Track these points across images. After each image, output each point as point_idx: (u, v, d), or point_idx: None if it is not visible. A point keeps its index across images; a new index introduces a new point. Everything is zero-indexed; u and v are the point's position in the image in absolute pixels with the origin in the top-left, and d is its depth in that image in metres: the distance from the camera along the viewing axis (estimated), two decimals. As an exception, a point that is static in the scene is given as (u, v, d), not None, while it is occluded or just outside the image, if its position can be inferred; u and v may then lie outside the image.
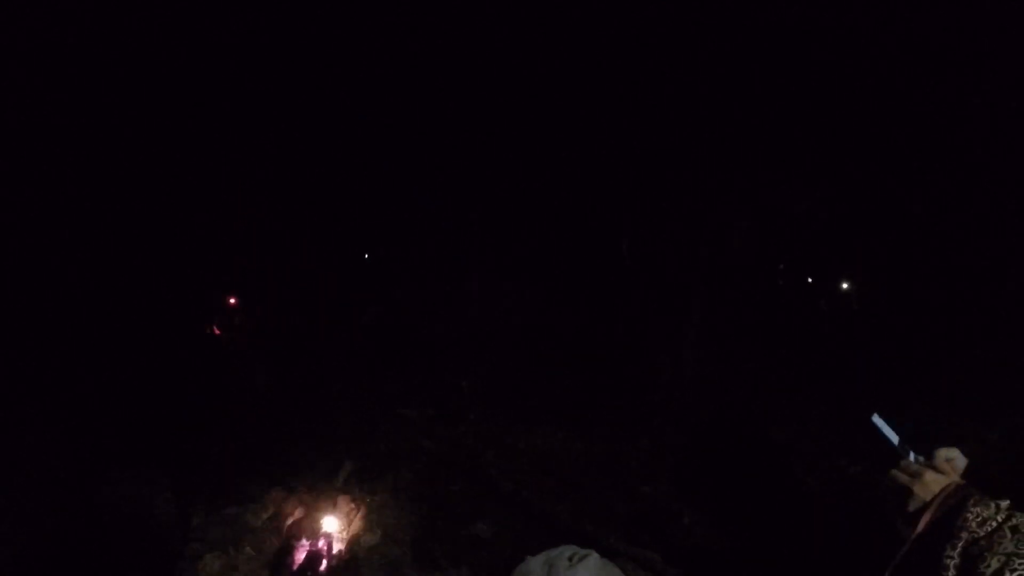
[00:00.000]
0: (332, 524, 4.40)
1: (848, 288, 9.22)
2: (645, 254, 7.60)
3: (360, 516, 4.60)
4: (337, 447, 5.66)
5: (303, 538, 4.35)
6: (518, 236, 8.87)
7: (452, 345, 8.01)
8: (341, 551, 4.30)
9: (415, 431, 6.21)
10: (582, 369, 7.14)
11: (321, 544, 4.27)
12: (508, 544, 4.46)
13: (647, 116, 7.59)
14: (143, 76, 8.47)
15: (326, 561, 4.19)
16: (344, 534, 4.42)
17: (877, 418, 2.05)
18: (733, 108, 7.16)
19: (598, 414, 6.31)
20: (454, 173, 9.17)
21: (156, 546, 4.26)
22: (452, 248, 9.41)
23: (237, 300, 9.01)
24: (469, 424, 6.30)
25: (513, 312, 8.34)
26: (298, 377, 7.35)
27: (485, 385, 6.98)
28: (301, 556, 4.22)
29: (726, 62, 7.07)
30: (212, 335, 8.56)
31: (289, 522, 4.55)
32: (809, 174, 7.37)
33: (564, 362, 7.37)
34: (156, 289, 8.59)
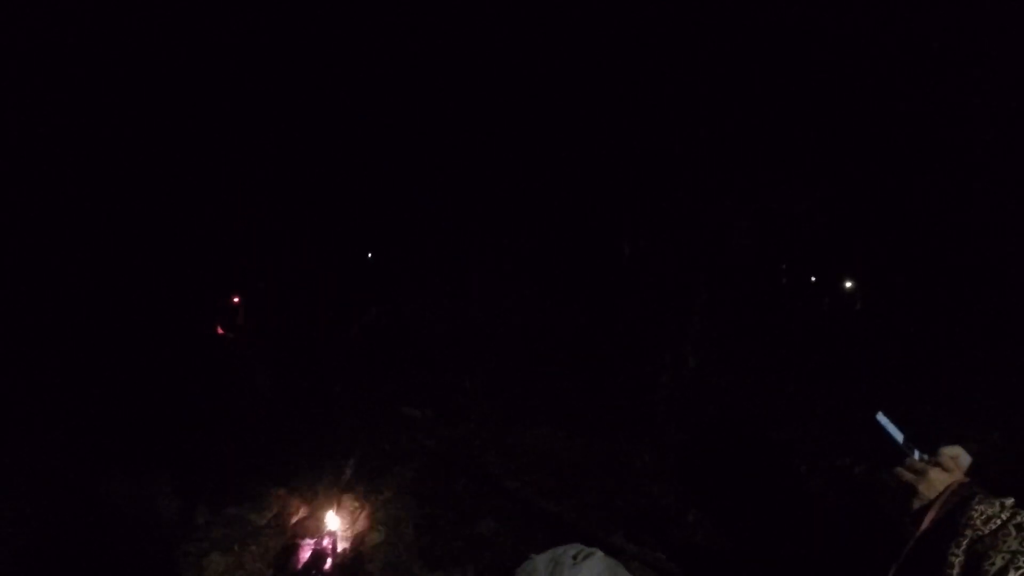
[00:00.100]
0: (336, 523, 4.41)
1: (850, 287, 9.23)
2: (646, 254, 7.61)
3: (364, 515, 4.62)
4: (340, 446, 5.66)
5: (307, 537, 4.37)
6: (519, 236, 8.87)
7: (454, 344, 8.01)
8: (345, 550, 4.31)
9: (418, 430, 6.22)
10: (584, 368, 7.14)
11: (325, 543, 4.29)
12: (512, 543, 4.46)
13: (648, 116, 7.60)
14: (151, 77, 8.49)
15: (330, 559, 4.20)
16: (348, 533, 4.44)
17: (882, 416, 2.06)
18: (733, 108, 7.17)
19: (600, 413, 6.31)
20: (455, 173, 9.18)
21: (160, 546, 4.27)
22: (453, 248, 9.42)
23: (240, 300, 9.02)
24: (471, 423, 6.30)
25: (514, 312, 8.34)
26: (300, 376, 7.35)
27: (487, 384, 6.99)
28: (306, 555, 4.23)
29: (726, 62, 7.08)
30: (215, 335, 8.57)
31: (293, 521, 4.57)
32: (810, 173, 7.38)
33: (566, 362, 7.37)
34: (159, 289, 8.59)
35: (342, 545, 4.33)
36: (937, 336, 6.56)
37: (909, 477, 1.90)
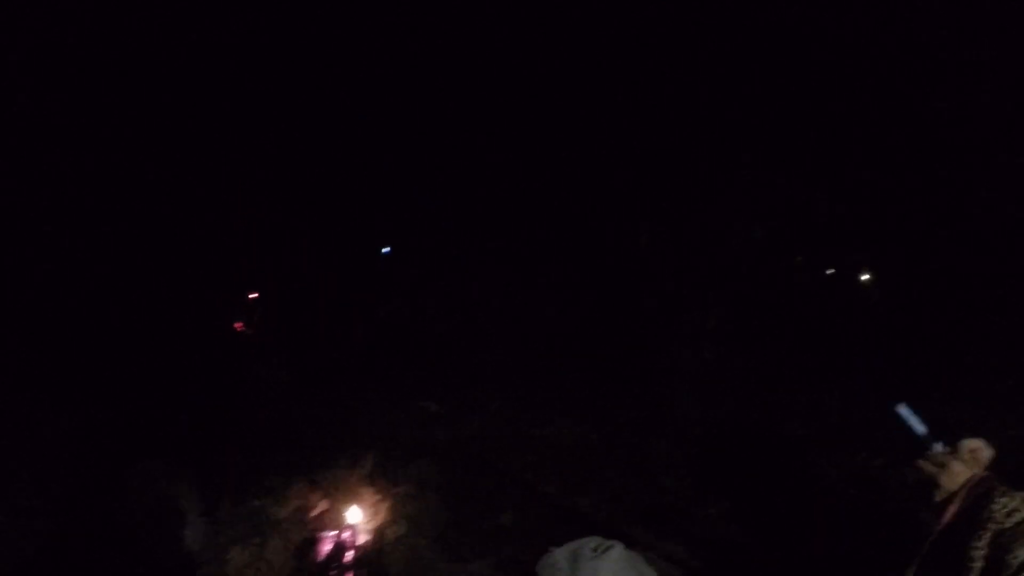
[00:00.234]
0: (357, 515, 4.43)
1: (868, 279, 9.17)
2: (663, 247, 7.60)
3: (384, 508, 4.64)
4: (360, 439, 5.69)
5: (328, 530, 4.39)
6: (538, 230, 8.87)
7: (471, 338, 8.02)
8: (366, 543, 4.33)
9: (436, 424, 6.26)
10: (601, 362, 7.14)
11: (346, 536, 4.31)
12: (531, 536, 4.46)
13: (665, 113, 7.59)
14: (171, 78, 8.55)
15: (351, 552, 4.22)
16: (369, 526, 4.46)
17: (903, 408, 2.04)
18: (749, 100, 7.15)
19: (618, 407, 6.31)
20: (473, 169, 9.19)
21: (182, 540, 4.30)
22: (471, 242, 9.43)
23: (257, 296, 9.05)
24: (490, 416, 6.32)
25: (531, 305, 8.34)
26: (319, 371, 7.38)
27: (505, 378, 6.99)
28: (327, 548, 4.25)
29: (742, 59, 7.06)
30: (234, 331, 8.61)
31: (314, 514, 4.59)
32: (827, 165, 7.34)
33: (583, 355, 7.37)
34: (179, 286, 8.65)
35: (363, 538, 4.34)
36: (956, 328, 6.53)
37: (931, 470, 1.89)
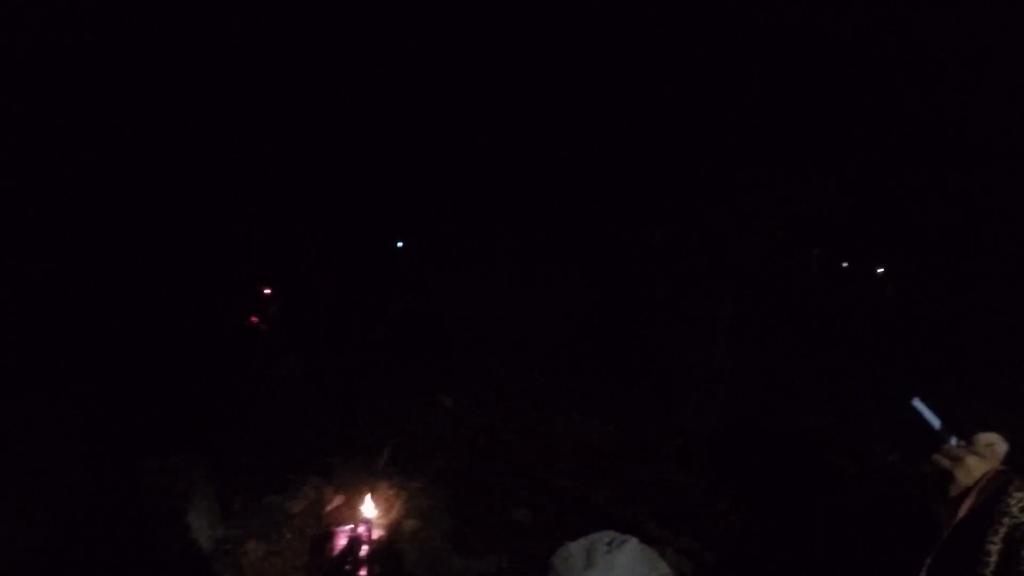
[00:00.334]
0: (371, 510, 4.45)
1: (882, 273, 9.12)
2: (678, 241, 7.58)
3: (399, 503, 4.66)
4: (374, 435, 5.72)
5: (343, 524, 4.41)
6: (551, 226, 8.87)
7: (486, 333, 8.02)
8: (381, 537, 4.35)
9: (450, 418, 6.27)
10: (615, 356, 7.13)
11: (361, 530, 4.32)
12: (546, 530, 4.48)
13: (678, 107, 7.57)
14: (191, 76, 8.60)
15: (366, 547, 4.23)
16: (383, 520, 4.48)
17: (918, 402, 2.03)
18: (762, 95, 7.13)
19: (632, 401, 6.31)
20: (484, 165, 9.19)
21: (197, 534, 4.32)
22: (485, 238, 9.43)
23: (272, 291, 9.07)
24: (504, 411, 6.32)
25: (546, 300, 8.34)
26: (334, 366, 7.40)
27: (520, 373, 7.00)
28: (341, 542, 4.27)
29: (753, 53, 7.04)
30: (249, 326, 8.63)
31: (329, 509, 4.61)
32: (840, 159, 7.31)
33: (597, 350, 7.37)
34: (193, 281, 8.69)
35: (377, 533, 4.35)
36: (970, 322, 6.49)
37: (946, 464, 1.88)
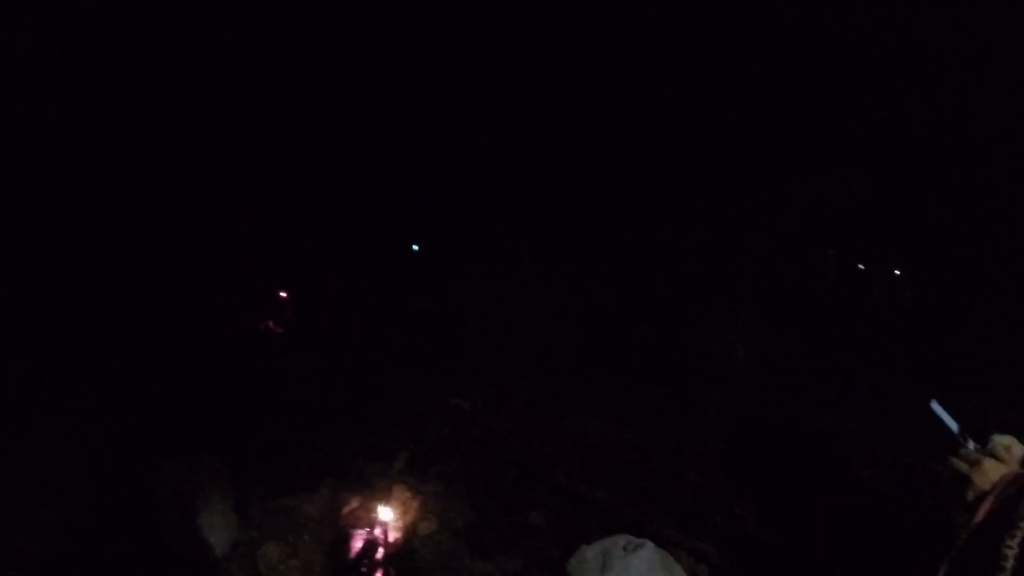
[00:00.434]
0: (388, 513, 4.47)
1: (900, 274, 9.08)
2: (693, 242, 7.57)
3: (415, 505, 4.67)
4: (391, 437, 5.73)
5: (360, 527, 4.43)
6: (564, 227, 8.86)
7: (501, 335, 8.02)
8: (397, 539, 4.37)
9: (466, 421, 6.27)
10: (632, 358, 7.12)
11: (377, 533, 4.34)
12: (562, 533, 4.48)
13: (694, 101, 7.55)
14: (213, 79, 8.66)
15: (382, 549, 4.26)
16: (400, 523, 4.49)
17: (936, 404, 2.02)
18: (776, 91, 7.10)
19: (648, 404, 6.30)
20: (500, 166, 9.20)
21: (213, 534, 4.35)
22: (498, 238, 9.43)
23: (287, 294, 9.10)
24: (519, 413, 6.31)
25: (561, 301, 8.33)
26: (350, 368, 7.41)
27: (535, 374, 6.99)
28: (358, 544, 4.29)
29: (770, 44, 7.01)
30: (265, 328, 8.66)
31: (346, 511, 4.63)
32: (858, 158, 7.28)
33: (613, 351, 7.36)
34: (212, 284, 8.74)
35: (394, 535, 4.37)
36: (989, 324, 6.46)
37: (963, 467, 1.87)
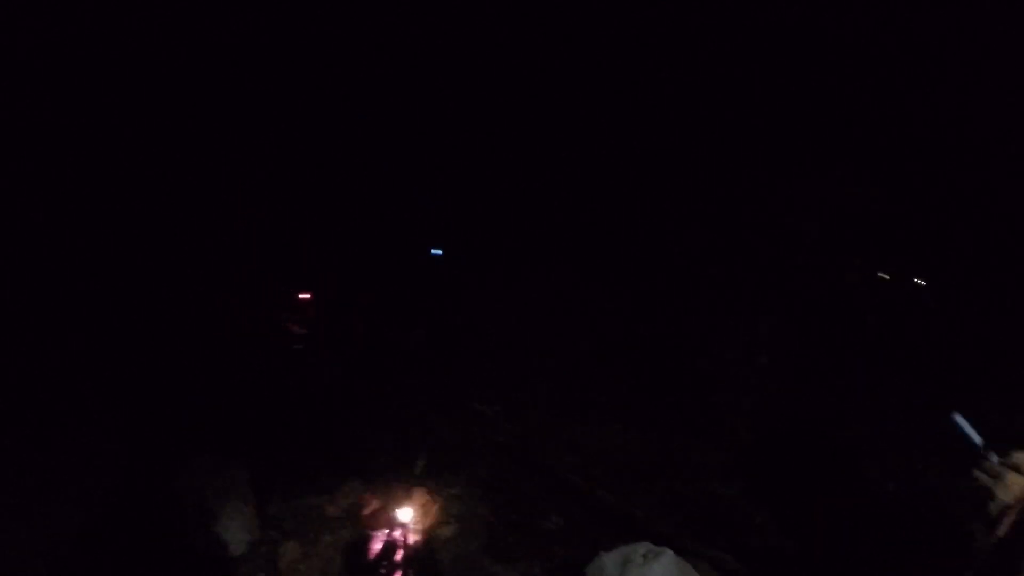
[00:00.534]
0: (408, 515, 4.49)
1: (923, 284, 9.00)
2: (716, 248, 7.54)
3: (435, 508, 4.69)
4: (412, 440, 5.76)
5: (379, 528, 4.45)
6: (588, 232, 8.86)
7: (524, 340, 8.02)
8: (417, 542, 4.38)
9: (488, 426, 6.28)
10: (653, 366, 7.11)
11: (397, 535, 4.36)
12: (581, 540, 4.48)
13: (717, 109, 7.53)
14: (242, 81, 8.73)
15: (401, 551, 4.27)
16: (419, 526, 4.51)
17: (959, 417, 2.02)
18: (801, 98, 7.07)
19: (669, 411, 6.29)
20: (521, 170, 9.21)
21: (234, 533, 4.38)
22: (522, 243, 9.43)
23: (310, 295, 9.13)
24: (541, 419, 6.31)
25: (585, 307, 8.33)
26: (373, 371, 7.43)
27: (557, 380, 6.99)
28: (377, 546, 4.31)
29: (795, 50, 6.98)
30: (287, 330, 8.70)
31: (366, 513, 4.66)
32: (882, 166, 7.24)
33: (635, 359, 7.35)
34: (235, 285, 8.79)
35: (413, 538, 4.39)
36: (1014, 335, 6.39)
37: (986, 480, 1.87)
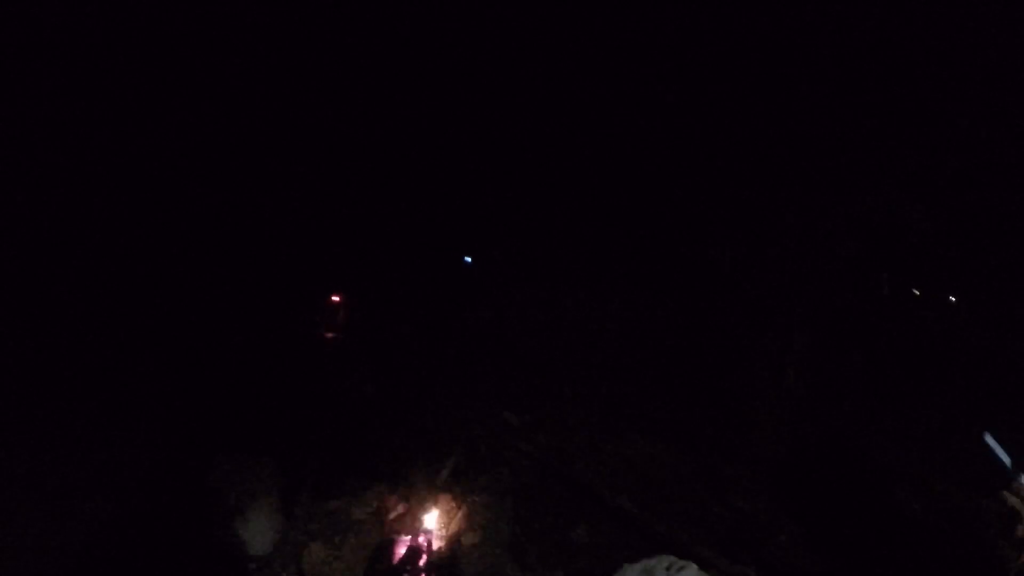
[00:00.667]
0: (433, 521, 4.51)
1: (956, 301, 8.90)
2: (747, 266, 7.51)
3: (460, 515, 4.71)
4: (440, 447, 5.79)
5: (404, 533, 4.48)
6: (622, 247, 8.86)
7: (553, 352, 8.02)
8: (441, 548, 4.41)
9: (516, 435, 6.29)
10: (681, 380, 7.09)
11: (421, 540, 4.39)
12: (604, 551, 4.49)
13: (749, 125, 7.51)
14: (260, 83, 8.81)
15: (425, 557, 4.29)
16: (444, 532, 4.53)
17: (989, 438, 2.01)
18: (835, 114, 7.04)
19: (697, 426, 6.27)
20: (558, 183, 9.23)
21: (261, 532, 4.43)
22: (553, 256, 9.45)
23: (341, 300, 9.19)
24: (568, 430, 6.32)
25: (613, 321, 8.32)
26: (403, 377, 7.47)
27: (586, 393, 6.99)
28: (401, 551, 4.34)
29: (833, 66, 6.95)
30: (320, 335, 8.76)
31: (391, 517, 4.69)
32: (915, 181, 7.18)
33: (663, 373, 7.33)
34: (268, 289, 8.88)
35: (437, 543, 4.42)
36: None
37: (1014, 502, 1.86)
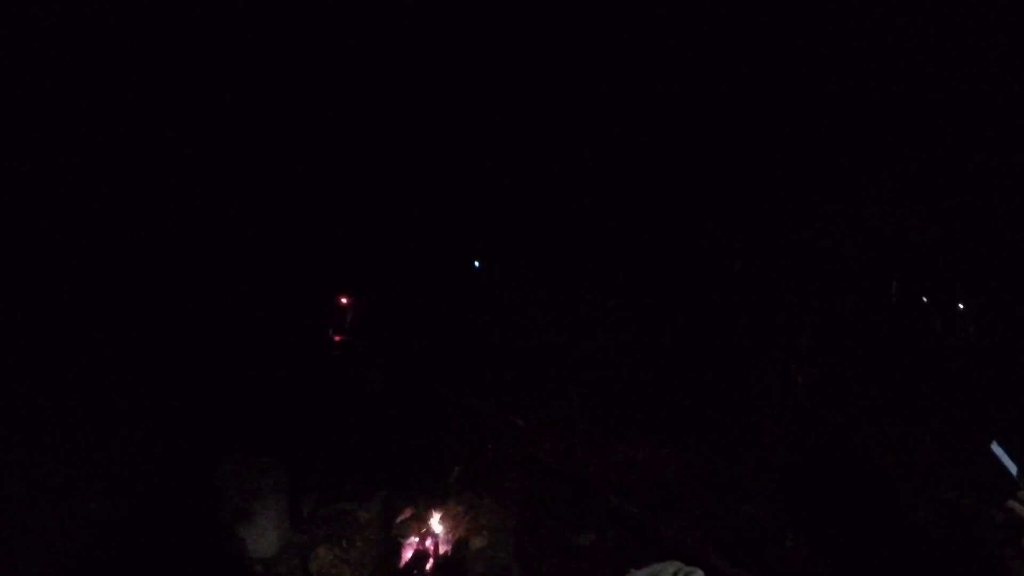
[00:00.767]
0: (439, 525, 4.53)
1: (964, 308, 8.88)
2: (755, 270, 7.51)
3: (467, 519, 4.72)
4: (448, 450, 5.82)
5: (411, 537, 4.49)
6: (628, 249, 8.85)
7: (561, 356, 8.02)
8: (447, 552, 4.42)
9: (524, 439, 6.31)
10: (688, 385, 7.09)
11: (428, 544, 4.40)
12: (611, 556, 4.48)
13: (758, 132, 7.52)
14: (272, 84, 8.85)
15: (432, 561, 4.31)
16: (450, 536, 4.54)
17: (996, 446, 2.01)
18: (846, 119, 7.04)
19: (704, 430, 6.26)
20: (564, 185, 9.23)
21: (268, 535, 4.44)
22: (561, 259, 9.44)
23: (349, 302, 9.20)
24: (576, 435, 6.32)
25: (621, 325, 8.32)
26: (411, 380, 7.48)
27: (593, 397, 6.99)
28: (408, 554, 4.35)
29: (844, 71, 6.96)
30: (328, 337, 8.77)
31: (398, 520, 4.70)
32: (923, 188, 7.18)
33: (670, 377, 7.32)
34: (276, 291, 8.90)
35: (444, 547, 4.43)
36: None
37: (1021, 511, 1.86)
